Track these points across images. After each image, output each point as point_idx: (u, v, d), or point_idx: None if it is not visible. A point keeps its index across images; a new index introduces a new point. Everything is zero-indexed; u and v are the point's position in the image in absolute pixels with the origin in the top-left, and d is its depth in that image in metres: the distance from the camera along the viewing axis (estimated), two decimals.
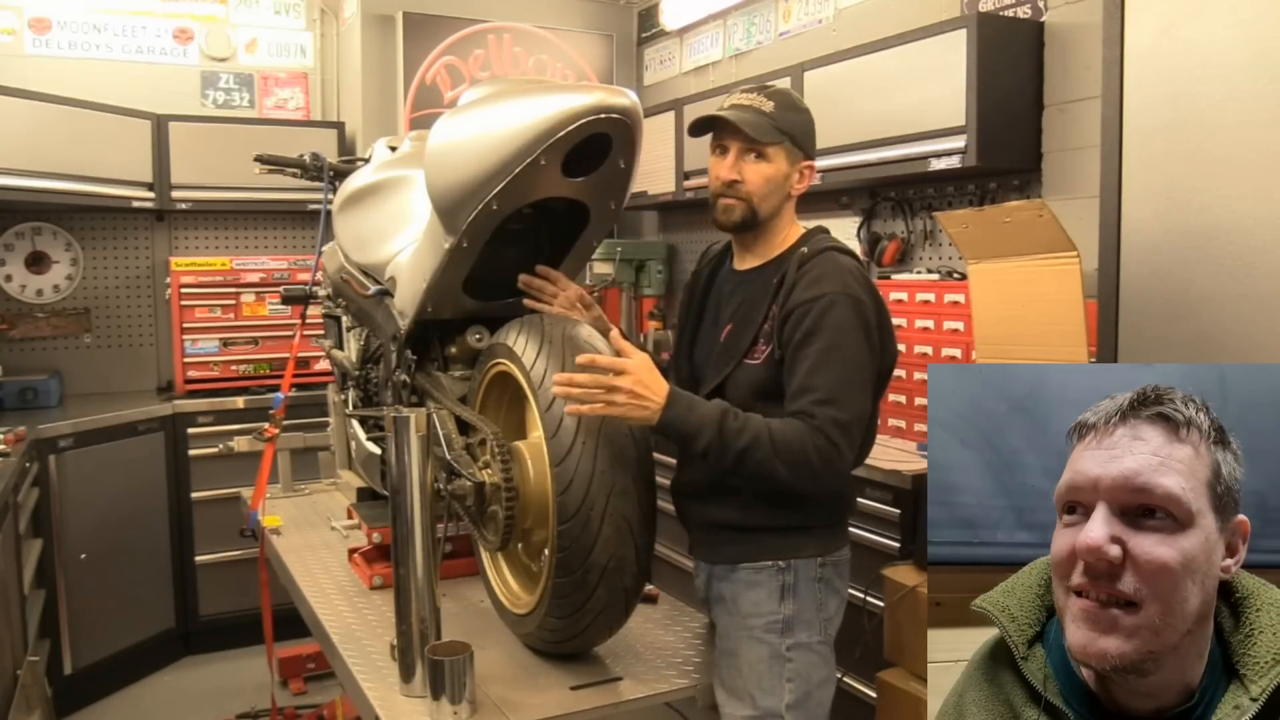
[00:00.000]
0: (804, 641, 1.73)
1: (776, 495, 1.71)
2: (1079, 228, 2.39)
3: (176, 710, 3.73)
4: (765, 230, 1.81)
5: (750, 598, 1.74)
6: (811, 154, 1.83)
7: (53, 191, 3.86)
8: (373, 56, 4.48)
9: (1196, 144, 1.99)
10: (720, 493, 1.77)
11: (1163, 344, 2.05)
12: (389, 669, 1.80)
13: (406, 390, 2.21)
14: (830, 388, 1.62)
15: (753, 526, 1.75)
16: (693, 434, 1.63)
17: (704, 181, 4.03)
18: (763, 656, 1.72)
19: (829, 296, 1.66)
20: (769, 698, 1.70)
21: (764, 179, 1.76)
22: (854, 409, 1.64)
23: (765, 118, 1.75)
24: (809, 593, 1.74)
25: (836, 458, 1.62)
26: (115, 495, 3.84)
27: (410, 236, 2.20)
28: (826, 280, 1.68)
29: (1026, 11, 3.05)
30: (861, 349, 1.67)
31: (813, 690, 1.73)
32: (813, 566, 1.75)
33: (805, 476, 1.62)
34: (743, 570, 1.76)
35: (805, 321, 1.66)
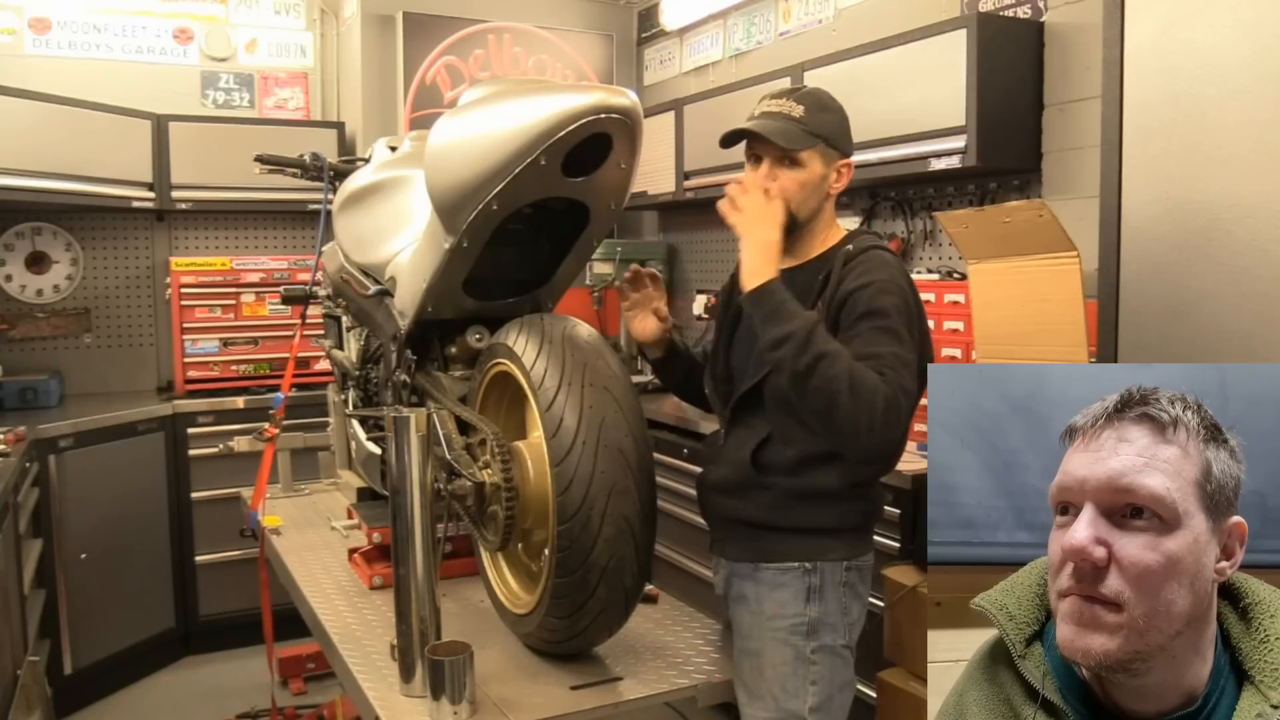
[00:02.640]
0: (828, 644, 1.72)
1: (809, 495, 1.71)
2: (1079, 228, 2.39)
3: (176, 710, 3.73)
4: (805, 232, 1.79)
5: (775, 598, 1.73)
6: (848, 151, 1.81)
7: (53, 191, 3.86)
8: (373, 56, 4.48)
9: (1196, 144, 1.99)
10: (748, 489, 1.76)
11: (1163, 344, 2.05)
12: (389, 669, 1.80)
13: (406, 390, 2.21)
14: (893, 359, 1.59)
15: (781, 526, 1.74)
16: (788, 313, 1.58)
17: (704, 181, 4.07)
18: (787, 658, 1.71)
19: (880, 283, 1.66)
20: (792, 700, 1.69)
21: (799, 185, 1.74)
22: (912, 386, 1.61)
23: (795, 124, 1.74)
24: (834, 596, 1.73)
25: (896, 420, 1.55)
26: (115, 495, 3.84)
27: (410, 236, 2.20)
28: (876, 270, 1.68)
29: (1026, 11, 3.05)
30: (910, 336, 1.65)
31: (834, 694, 1.72)
32: (839, 570, 1.73)
33: (863, 419, 1.53)
34: (767, 570, 1.74)
35: (860, 305, 1.65)
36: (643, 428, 1.73)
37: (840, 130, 1.79)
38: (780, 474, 1.73)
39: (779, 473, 1.74)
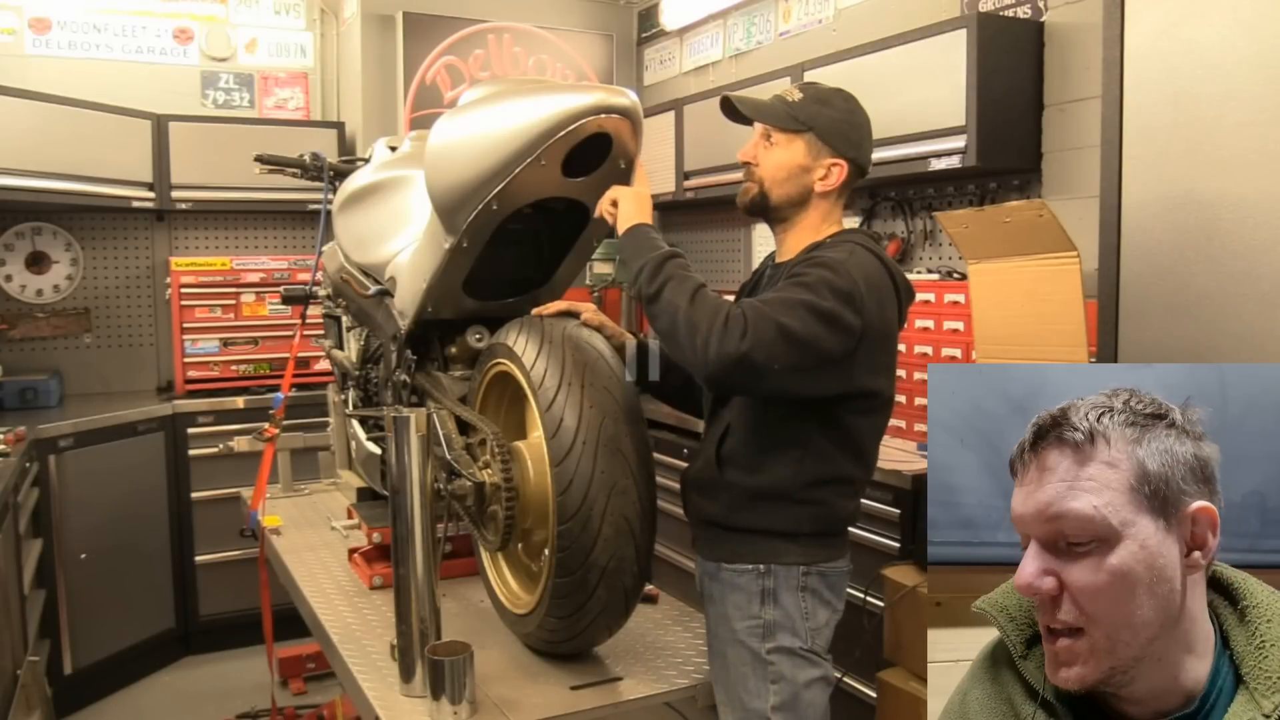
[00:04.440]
0: (786, 646, 1.69)
1: (766, 496, 1.69)
2: (1079, 228, 2.40)
3: (176, 710, 3.73)
4: (793, 224, 1.78)
5: (733, 599, 1.72)
6: (843, 152, 1.74)
7: (53, 191, 3.86)
8: (373, 56, 4.48)
9: (1197, 144, 1.99)
10: (714, 488, 1.75)
11: (1163, 344, 2.05)
12: (389, 669, 1.80)
13: (406, 390, 2.21)
14: (775, 300, 1.56)
15: (738, 527, 1.72)
16: (650, 246, 1.67)
17: (704, 181, 4.07)
18: (745, 659, 1.69)
19: (820, 259, 1.62)
20: (755, 700, 1.68)
21: (774, 165, 1.74)
22: (792, 321, 1.53)
23: (785, 106, 1.73)
24: (792, 600, 1.69)
25: (740, 334, 1.51)
26: (115, 495, 3.84)
27: (410, 236, 2.20)
28: (827, 251, 1.65)
29: (1026, 11, 3.05)
30: (819, 298, 1.55)
31: (800, 691, 1.68)
32: (795, 574, 1.69)
33: (701, 331, 1.53)
34: (726, 571, 1.73)
35: (788, 274, 1.64)
36: (643, 428, 1.73)
37: (835, 128, 1.73)
38: (740, 470, 1.71)
39: (739, 469, 1.72)
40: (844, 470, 1.71)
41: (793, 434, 1.67)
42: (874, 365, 1.66)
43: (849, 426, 1.69)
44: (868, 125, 1.78)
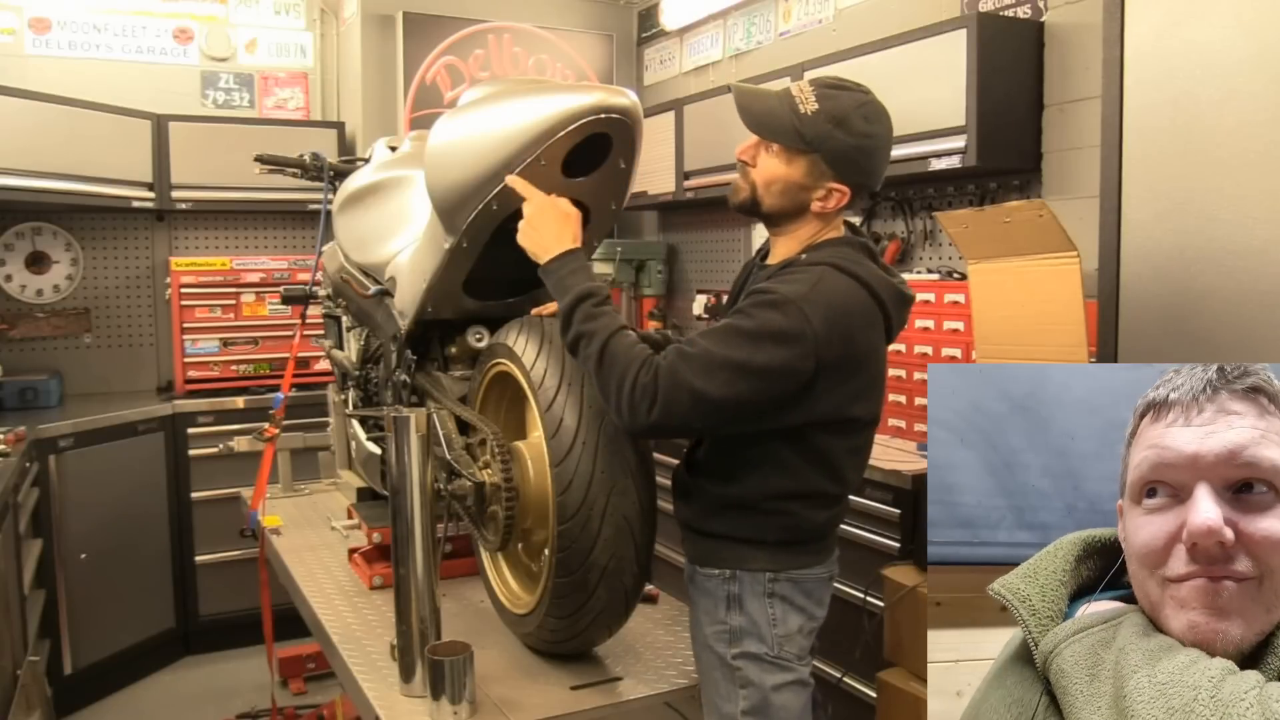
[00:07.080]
0: (751, 652, 1.63)
1: (729, 504, 1.66)
2: (1079, 228, 2.40)
3: (176, 710, 3.73)
4: (785, 231, 1.69)
5: (703, 604, 1.70)
6: (848, 179, 1.60)
7: (53, 191, 3.86)
8: (373, 56, 4.48)
9: (1197, 144, 1.99)
10: (687, 493, 1.74)
11: (1163, 344, 2.05)
12: (389, 669, 1.80)
13: (406, 390, 2.21)
14: (699, 353, 1.49)
15: (708, 532, 1.70)
16: (558, 290, 1.62)
17: (704, 181, 4.08)
18: (714, 663, 1.68)
19: (778, 293, 1.51)
20: (726, 704, 1.66)
21: (770, 174, 1.63)
22: (706, 385, 1.47)
23: (793, 119, 1.58)
24: (758, 607, 1.64)
25: (649, 407, 1.48)
26: (115, 495, 3.84)
27: (410, 236, 2.20)
28: (792, 282, 1.53)
29: (1026, 11, 3.05)
30: (753, 344, 1.48)
31: (769, 695, 1.64)
32: (761, 580, 1.64)
33: (610, 399, 1.53)
34: (699, 574, 1.71)
35: (741, 302, 1.58)
36: None
37: (844, 155, 1.59)
38: (708, 479, 1.69)
39: (707, 477, 1.69)
40: (815, 485, 1.63)
41: (760, 451, 1.61)
42: (846, 393, 1.57)
43: (821, 446, 1.61)
44: (886, 148, 1.65)
